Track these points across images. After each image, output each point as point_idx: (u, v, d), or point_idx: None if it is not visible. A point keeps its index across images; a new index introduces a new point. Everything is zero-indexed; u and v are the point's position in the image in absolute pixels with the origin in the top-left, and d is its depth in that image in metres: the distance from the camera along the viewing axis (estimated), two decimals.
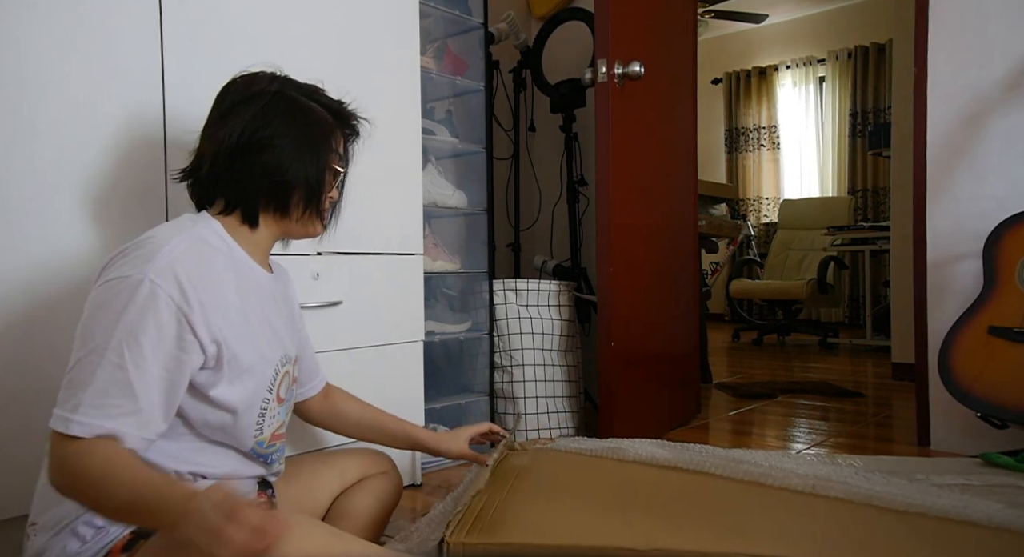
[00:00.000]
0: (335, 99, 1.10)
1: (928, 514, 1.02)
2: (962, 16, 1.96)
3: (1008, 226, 1.79)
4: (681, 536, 0.95)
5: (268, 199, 1.01)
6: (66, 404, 0.81)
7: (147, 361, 0.84)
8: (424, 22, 1.96)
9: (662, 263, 2.39)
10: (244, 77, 1.05)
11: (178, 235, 0.91)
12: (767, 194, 6.43)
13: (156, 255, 0.86)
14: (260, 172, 0.99)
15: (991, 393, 1.70)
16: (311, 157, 1.01)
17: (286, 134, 1.00)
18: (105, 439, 0.81)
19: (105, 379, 0.82)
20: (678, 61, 2.54)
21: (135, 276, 0.84)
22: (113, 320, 0.83)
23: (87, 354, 0.83)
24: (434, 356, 2.21)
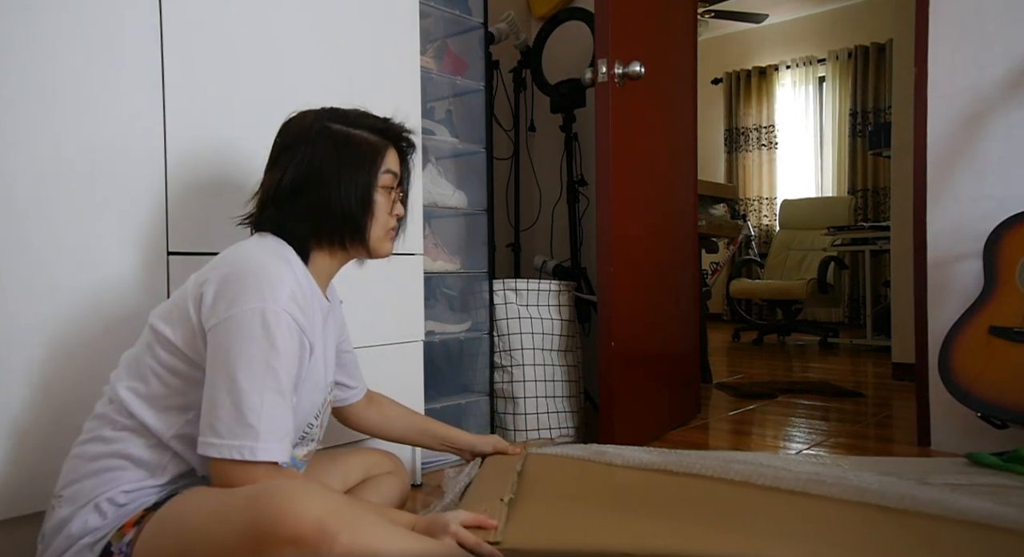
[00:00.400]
0: (380, 118, 1.12)
1: (920, 512, 1.02)
2: (962, 16, 1.96)
3: (1008, 226, 1.79)
4: (683, 538, 0.95)
5: (319, 236, 1.06)
6: (241, 433, 0.88)
7: (292, 385, 0.94)
8: (424, 22, 1.96)
9: (662, 263, 2.39)
10: (290, 120, 1.11)
11: (280, 262, 0.99)
12: (767, 194, 6.43)
13: (279, 285, 0.94)
14: (310, 212, 1.04)
15: (991, 393, 1.69)
16: (353, 184, 1.05)
17: (328, 170, 1.04)
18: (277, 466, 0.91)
19: (271, 405, 0.90)
20: (678, 61, 2.54)
21: (270, 306, 0.92)
22: (263, 350, 0.91)
23: (246, 382, 0.89)
24: (434, 356, 2.21)
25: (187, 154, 1.33)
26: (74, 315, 1.18)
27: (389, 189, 1.10)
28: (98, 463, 0.94)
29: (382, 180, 1.08)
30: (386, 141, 1.11)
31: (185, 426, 0.95)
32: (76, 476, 0.94)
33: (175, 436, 0.95)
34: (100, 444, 0.95)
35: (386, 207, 1.10)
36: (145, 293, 1.27)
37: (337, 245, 1.08)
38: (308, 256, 1.07)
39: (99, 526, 0.90)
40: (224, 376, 0.90)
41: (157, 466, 0.94)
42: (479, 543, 0.91)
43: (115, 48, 1.24)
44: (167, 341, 0.96)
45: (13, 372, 1.12)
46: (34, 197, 1.14)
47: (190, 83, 1.34)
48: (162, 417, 0.95)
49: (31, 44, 1.14)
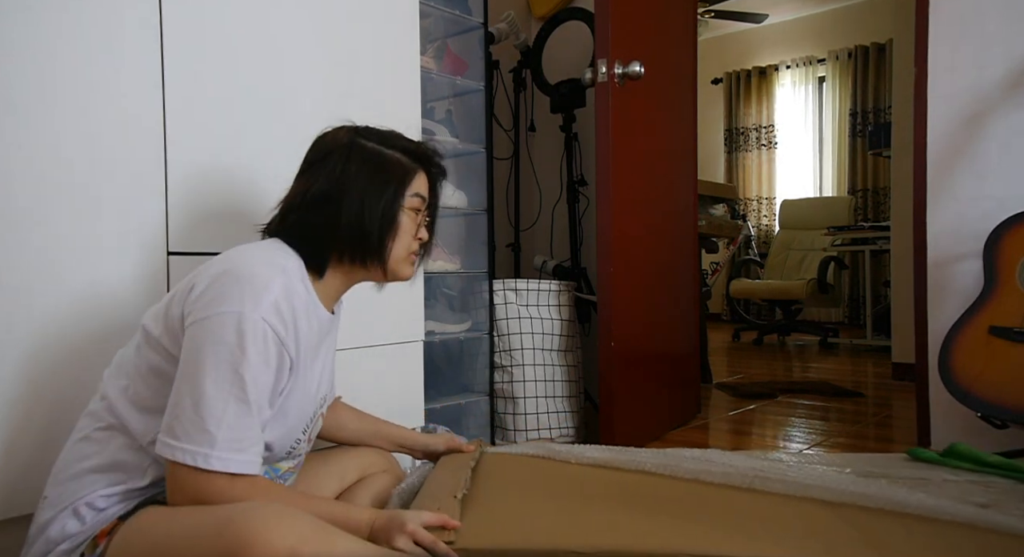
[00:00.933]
0: (413, 140, 1.12)
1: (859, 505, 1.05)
2: (962, 16, 1.96)
3: (1008, 226, 1.79)
4: (636, 535, 0.96)
5: (340, 251, 1.04)
6: (197, 438, 0.85)
7: (263, 397, 0.91)
8: (424, 22, 1.96)
9: (662, 263, 2.39)
10: (323, 135, 1.11)
11: (275, 270, 0.95)
12: (766, 194, 6.43)
13: (264, 293, 0.91)
14: (331, 224, 1.02)
15: (991, 393, 1.69)
16: (379, 202, 1.04)
17: (356, 185, 1.03)
18: (245, 475, 0.88)
19: (233, 414, 0.87)
20: (678, 61, 2.54)
21: (248, 313, 0.89)
22: (234, 356, 0.88)
23: (211, 387, 0.87)
24: (434, 356, 2.21)
25: (187, 154, 1.33)
26: (73, 315, 1.18)
27: (415, 212, 1.09)
28: (81, 464, 0.93)
29: (409, 202, 1.07)
30: (416, 164, 1.10)
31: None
32: (61, 477, 0.94)
33: (152, 442, 0.92)
34: (86, 444, 0.95)
35: (410, 229, 1.09)
36: (145, 293, 1.27)
37: (357, 262, 1.06)
38: (324, 269, 1.05)
39: (77, 532, 0.89)
40: (190, 378, 0.88)
41: (137, 468, 0.93)
42: (435, 542, 0.89)
43: (115, 48, 1.24)
44: (153, 339, 0.95)
45: (9, 371, 1.12)
46: (34, 197, 1.14)
47: (190, 83, 1.34)
48: (143, 420, 0.93)
49: (31, 44, 1.14)
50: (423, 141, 1.13)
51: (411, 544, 0.88)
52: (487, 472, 1.23)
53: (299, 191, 1.06)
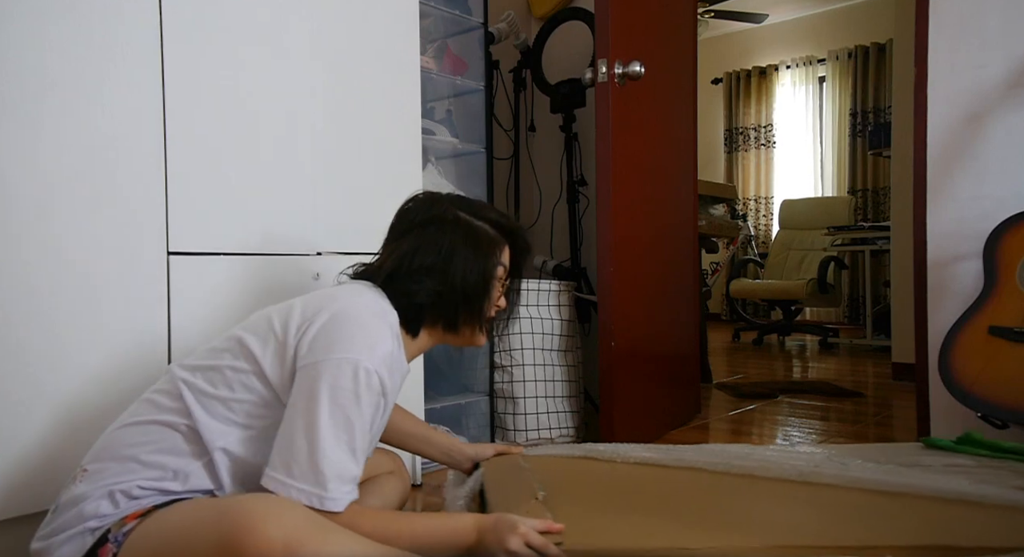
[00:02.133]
0: (501, 213, 1.19)
1: (908, 494, 1.11)
2: (962, 16, 1.96)
3: (1008, 226, 1.79)
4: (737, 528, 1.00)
5: (435, 315, 1.11)
6: (312, 479, 0.90)
7: (362, 446, 0.96)
8: (424, 22, 1.96)
9: (662, 263, 2.39)
10: (423, 198, 1.17)
11: (385, 324, 1.02)
12: (766, 194, 6.43)
13: (378, 344, 0.98)
14: (435, 292, 1.09)
15: (991, 393, 1.69)
16: (474, 274, 1.10)
17: (458, 254, 1.10)
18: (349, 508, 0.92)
19: (342, 457, 0.92)
20: (678, 61, 2.54)
21: (364, 362, 0.94)
22: (348, 402, 0.93)
23: (327, 430, 0.91)
24: (434, 356, 2.21)
25: (187, 153, 1.33)
26: (73, 315, 1.18)
27: (499, 281, 1.15)
28: (129, 449, 0.95)
29: (494, 271, 1.13)
30: (502, 236, 1.16)
31: (237, 444, 0.97)
32: (105, 454, 0.95)
33: (221, 448, 0.96)
34: (138, 431, 0.96)
35: (494, 298, 1.15)
36: (145, 293, 1.27)
37: (450, 328, 1.13)
38: (418, 331, 1.12)
39: (109, 514, 0.91)
40: (306, 415, 0.92)
41: (180, 473, 0.94)
42: (547, 544, 0.92)
43: (115, 48, 1.24)
44: (251, 356, 0.98)
45: (8, 374, 1.12)
46: (34, 196, 1.14)
47: (190, 83, 1.34)
48: (217, 425, 0.96)
49: (31, 44, 1.14)
50: (508, 214, 1.20)
51: (523, 546, 0.91)
52: (541, 474, 1.23)
53: (404, 254, 1.10)
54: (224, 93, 1.39)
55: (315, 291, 1.10)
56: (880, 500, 1.10)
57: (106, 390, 1.20)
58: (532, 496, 1.08)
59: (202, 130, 1.35)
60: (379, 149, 1.72)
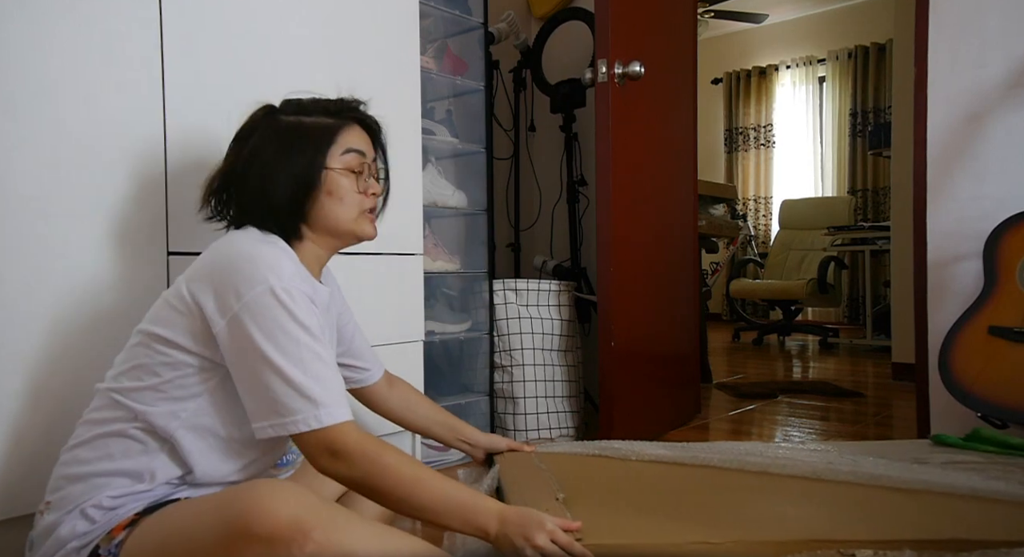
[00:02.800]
0: (333, 100, 1.10)
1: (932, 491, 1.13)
2: (962, 16, 1.96)
3: (1008, 226, 1.79)
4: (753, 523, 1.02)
5: (284, 218, 1.04)
6: (300, 405, 0.89)
7: (325, 344, 0.95)
8: (424, 22, 1.96)
9: (662, 263, 2.39)
10: (246, 117, 1.10)
11: (267, 247, 0.97)
12: (766, 194, 6.43)
13: (278, 265, 0.94)
14: (262, 195, 1.03)
15: (991, 393, 1.69)
16: (288, 173, 1.03)
17: (277, 152, 1.03)
18: (351, 420, 0.92)
19: (314, 370, 0.91)
20: (678, 61, 2.54)
21: (276, 283, 0.92)
22: (285, 322, 0.91)
23: (283, 359, 0.90)
24: (434, 356, 2.21)
25: (187, 153, 1.33)
26: (72, 315, 1.18)
27: (353, 170, 1.07)
28: (85, 467, 0.93)
29: (342, 161, 1.05)
30: (342, 121, 1.08)
31: (193, 418, 0.95)
32: (63, 482, 0.94)
33: (178, 428, 0.94)
34: (87, 449, 0.94)
35: (351, 188, 1.06)
36: (145, 293, 1.27)
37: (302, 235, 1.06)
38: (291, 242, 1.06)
39: (87, 530, 0.89)
40: (260, 362, 0.90)
41: (146, 472, 0.93)
42: (572, 543, 0.92)
43: (115, 48, 1.24)
44: (168, 341, 0.95)
45: (9, 372, 1.12)
46: (34, 197, 1.14)
47: (190, 83, 1.34)
48: (163, 409, 0.94)
49: (31, 43, 1.14)
50: (345, 97, 1.11)
51: (550, 543, 0.91)
52: (557, 472, 1.24)
53: (226, 169, 1.07)
54: (223, 93, 1.39)
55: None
56: (894, 496, 1.12)
57: None
58: (552, 497, 1.08)
59: (202, 130, 1.35)
60: None
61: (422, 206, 1.83)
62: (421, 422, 1.35)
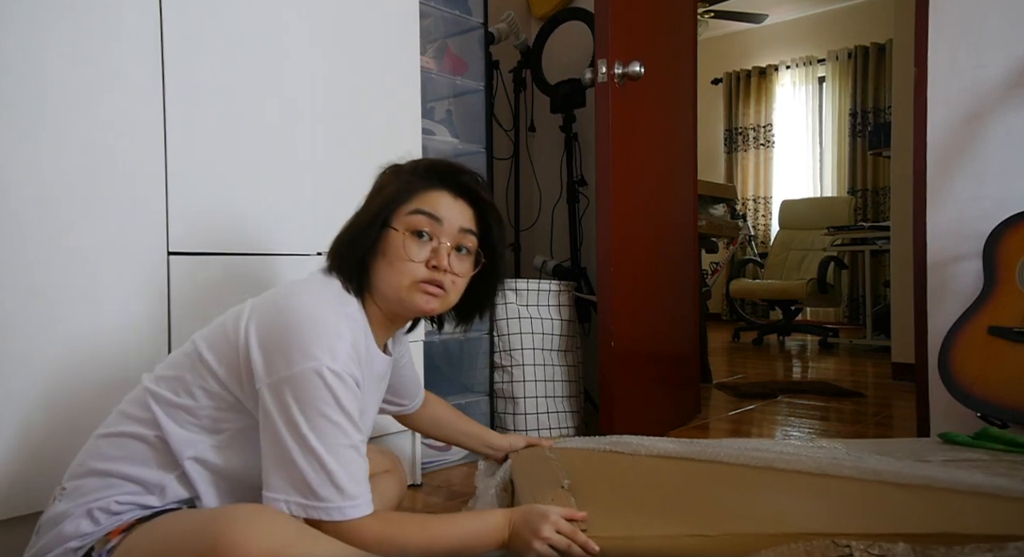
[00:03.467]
0: (440, 160, 1.07)
1: (927, 486, 1.14)
2: (962, 16, 1.96)
3: (1008, 226, 1.79)
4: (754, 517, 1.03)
5: (348, 273, 1.01)
6: (327, 494, 0.88)
7: (359, 432, 0.93)
8: (424, 22, 1.96)
9: (662, 263, 2.39)
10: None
11: (339, 317, 0.94)
12: (766, 194, 6.43)
13: (336, 343, 0.90)
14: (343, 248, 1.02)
15: (991, 393, 1.69)
16: (367, 217, 1.01)
17: (363, 206, 1.04)
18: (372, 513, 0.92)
19: (347, 460, 0.90)
20: (678, 61, 2.54)
21: (329, 365, 0.89)
22: (328, 408, 0.89)
23: (320, 444, 0.88)
24: (434, 356, 2.21)
25: (187, 153, 1.33)
26: (72, 315, 1.18)
27: (418, 232, 0.99)
28: (104, 464, 0.93)
29: (406, 221, 0.99)
30: (430, 181, 1.02)
31: (208, 452, 0.94)
32: (82, 470, 0.94)
33: (192, 458, 0.93)
34: (111, 444, 0.95)
35: (409, 252, 0.99)
36: (145, 293, 1.27)
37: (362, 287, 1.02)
38: (361, 293, 1.03)
39: (90, 532, 0.89)
40: (294, 438, 0.88)
41: (156, 486, 0.93)
42: (575, 531, 0.94)
43: (115, 49, 1.24)
44: (210, 369, 0.94)
45: (14, 373, 1.12)
46: (34, 197, 1.14)
47: (190, 84, 1.34)
48: (185, 435, 0.94)
49: (31, 44, 1.14)
50: (453, 160, 1.07)
51: (554, 533, 0.93)
52: (568, 467, 1.26)
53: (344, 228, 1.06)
54: (223, 93, 1.39)
55: (268, 290, 1.02)
56: (894, 491, 1.13)
57: (105, 392, 1.20)
58: (558, 484, 1.11)
59: (202, 131, 1.35)
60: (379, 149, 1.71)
61: None
62: (449, 436, 1.40)
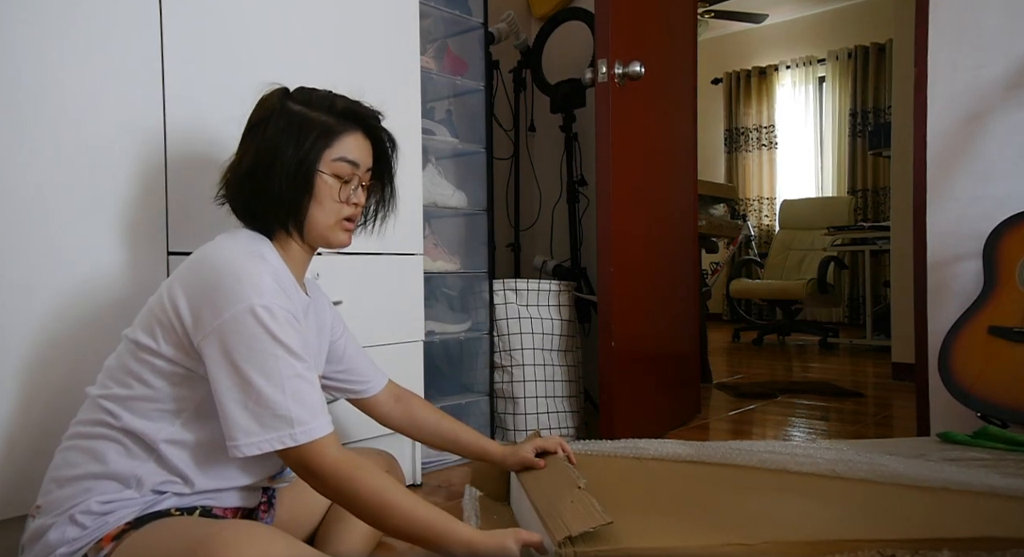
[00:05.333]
0: (347, 99, 1.08)
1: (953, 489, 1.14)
2: (962, 16, 1.96)
3: (1008, 226, 1.79)
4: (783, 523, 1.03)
5: (269, 218, 1.04)
6: (275, 424, 0.89)
7: (308, 356, 0.95)
8: (424, 22, 1.96)
9: (662, 263, 2.39)
10: (259, 100, 1.08)
11: (255, 260, 0.96)
12: (767, 194, 6.43)
13: (258, 280, 0.93)
14: (256, 192, 1.03)
15: (991, 393, 1.69)
16: (292, 163, 1.02)
17: (274, 150, 1.02)
18: (332, 436, 0.93)
19: (292, 389, 0.91)
20: (678, 61, 2.54)
21: (256, 301, 0.91)
22: (264, 343, 0.90)
23: (261, 379, 0.90)
24: (434, 356, 2.21)
25: (187, 153, 1.33)
26: (72, 315, 1.18)
27: (339, 177, 1.05)
28: (73, 470, 0.92)
29: (332, 166, 1.04)
30: (345, 124, 1.06)
31: (180, 430, 0.94)
32: (53, 486, 0.93)
33: (167, 440, 0.94)
34: (75, 452, 0.94)
35: (333, 193, 1.05)
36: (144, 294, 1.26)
37: (284, 230, 1.05)
38: (272, 235, 1.06)
39: (77, 537, 0.89)
40: (238, 381, 0.90)
41: (131, 478, 0.92)
42: (535, 537, 0.94)
43: (115, 47, 1.24)
44: (152, 350, 0.94)
45: (6, 372, 1.12)
46: (34, 197, 1.14)
47: (190, 84, 1.34)
48: (150, 422, 0.93)
49: (31, 43, 1.14)
50: (361, 102, 1.09)
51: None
52: (582, 472, 1.24)
53: (236, 160, 1.06)
54: (223, 92, 1.39)
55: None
56: (921, 495, 1.12)
57: None
58: (574, 486, 1.09)
59: (202, 131, 1.35)
60: None
61: (422, 206, 1.83)
62: (425, 441, 1.35)
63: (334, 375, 1.27)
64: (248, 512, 1.05)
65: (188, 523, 0.91)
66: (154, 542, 0.87)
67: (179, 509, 0.95)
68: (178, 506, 0.95)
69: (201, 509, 0.97)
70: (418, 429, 1.33)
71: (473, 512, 1.32)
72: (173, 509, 0.94)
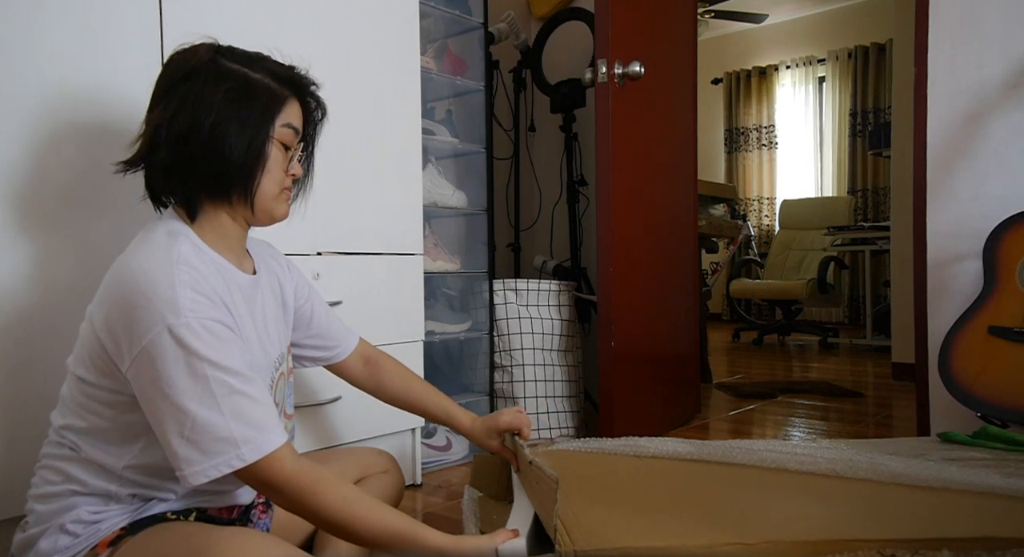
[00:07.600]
0: (283, 64, 1.01)
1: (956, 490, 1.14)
2: (962, 16, 1.96)
3: (1008, 226, 1.79)
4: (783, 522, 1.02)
5: (208, 188, 0.95)
6: (218, 448, 0.83)
7: (242, 369, 0.87)
8: (424, 22, 1.96)
9: (662, 263, 2.39)
10: (181, 52, 0.96)
11: (167, 263, 0.87)
12: (767, 194, 6.43)
13: (171, 296, 0.84)
14: (195, 158, 0.92)
15: (991, 393, 1.69)
16: (247, 131, 0.94)
17: (218, 112, 0.92)
18: (286, 447, 0.87)
19: (231, 409, 0.84)
20: (678, 61, 2.54)
21: (173, 322, 0.83)
22: (189, 365, 0.83)
23: (193, 404, 0.83)
24: (434, 356, 2.21)
25: None
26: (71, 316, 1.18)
27: (286, 145, 0.99)
28: (53, 487, 0.91)
29: (279, 133, 0.97)
30: (289, 91, 0.99)
31: (138, 456, 0.91)
32: (36, 503, 0.92)
33: (127, 467, 0.90)
34: (53, 472, 0.92)
35: (280, 163, 0.99)
36: None
37: (223, 200, 0.96)
38: (196, 214, 0.96)
39: (69, 545, 0.87)
40: (171, 410, 0.83)
41: (113, 494, 0.90)
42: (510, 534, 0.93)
43: (115, 46, 1.24)
44: (92, 383, 0.90)
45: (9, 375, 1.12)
46: (34, 197, 1.14)
47: None
48: (109, 450, 0.90)
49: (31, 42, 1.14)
50: (294, 66, 1.03)
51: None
52: (579, 470, 1.23)
53: (163, 120, 0.92)
54: None
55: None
56: (922, 494, 1.12)
57: None
58: (551, 488, 1.07)
59: None
60: (379, 149, 1.72)
61: (422, 206, 1.83)
62: (392, 402, 1.30)
63: (304, 341, 1.22)
64: (245, 510, 1.05)
65: (186, 529, 0.90)
66: (152, 550, 0.86)
67: (174, 512, 0.94)
68: (172, 510, 0.94)
69: (197, 511, 0.96)
70: (383, 393, 1.29)
71: (472, 513, 1.32)
72: (168, 512, 0.93)
